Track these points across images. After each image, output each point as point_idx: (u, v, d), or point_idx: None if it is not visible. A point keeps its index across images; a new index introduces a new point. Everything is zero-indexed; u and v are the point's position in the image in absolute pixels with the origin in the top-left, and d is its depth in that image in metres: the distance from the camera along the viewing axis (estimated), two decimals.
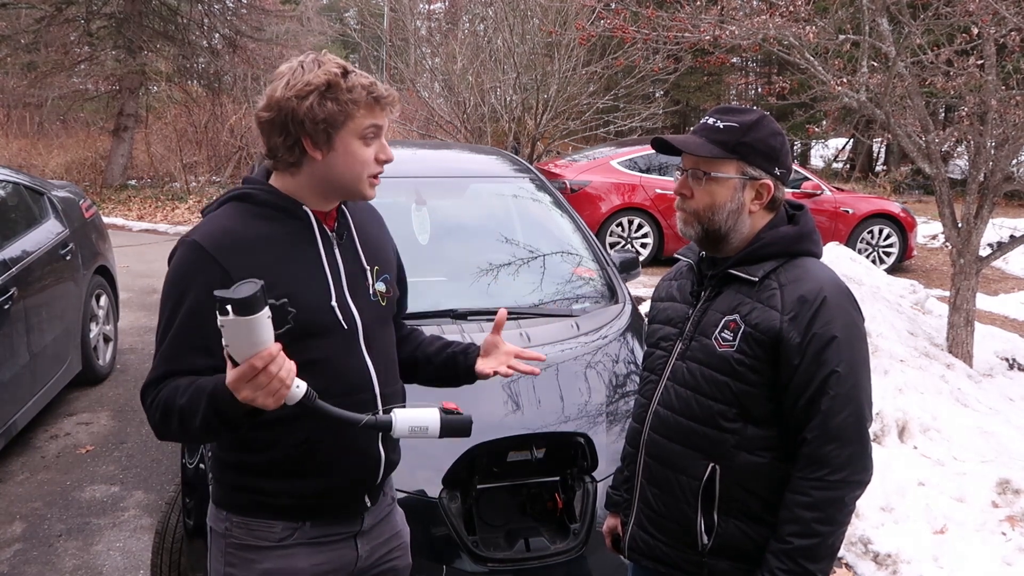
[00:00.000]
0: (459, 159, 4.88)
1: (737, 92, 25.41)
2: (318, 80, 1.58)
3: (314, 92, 1.58)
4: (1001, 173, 5.60)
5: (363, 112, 1.61)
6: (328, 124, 1.59)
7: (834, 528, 1.63)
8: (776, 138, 1.73)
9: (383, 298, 1.78)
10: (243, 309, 1.34)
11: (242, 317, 1.35)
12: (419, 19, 15.39)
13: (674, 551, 1.78)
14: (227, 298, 1.34)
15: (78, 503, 4.06)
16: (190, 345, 1.59)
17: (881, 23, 5.65)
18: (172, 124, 16.28)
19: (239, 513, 1.72)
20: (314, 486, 1.70)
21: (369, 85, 1.61)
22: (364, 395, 1.71)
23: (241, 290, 1.35)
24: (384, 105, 1.63)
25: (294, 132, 1.60)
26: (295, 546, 1.72)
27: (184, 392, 1.54)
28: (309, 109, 1.57)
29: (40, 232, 5.05)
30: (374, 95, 1.61)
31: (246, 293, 1.34)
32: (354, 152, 1.63)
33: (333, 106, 1.58)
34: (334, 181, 1.66)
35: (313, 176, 1.66)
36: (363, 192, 1.68)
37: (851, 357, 1.63)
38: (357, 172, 1.65)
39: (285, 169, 1.67)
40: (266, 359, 1.39)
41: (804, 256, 1.74)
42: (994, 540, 3.60)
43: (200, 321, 1.56)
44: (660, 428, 1.80)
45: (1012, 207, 15.13)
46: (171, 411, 1.55)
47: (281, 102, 1.59)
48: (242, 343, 1.38)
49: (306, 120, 1.58)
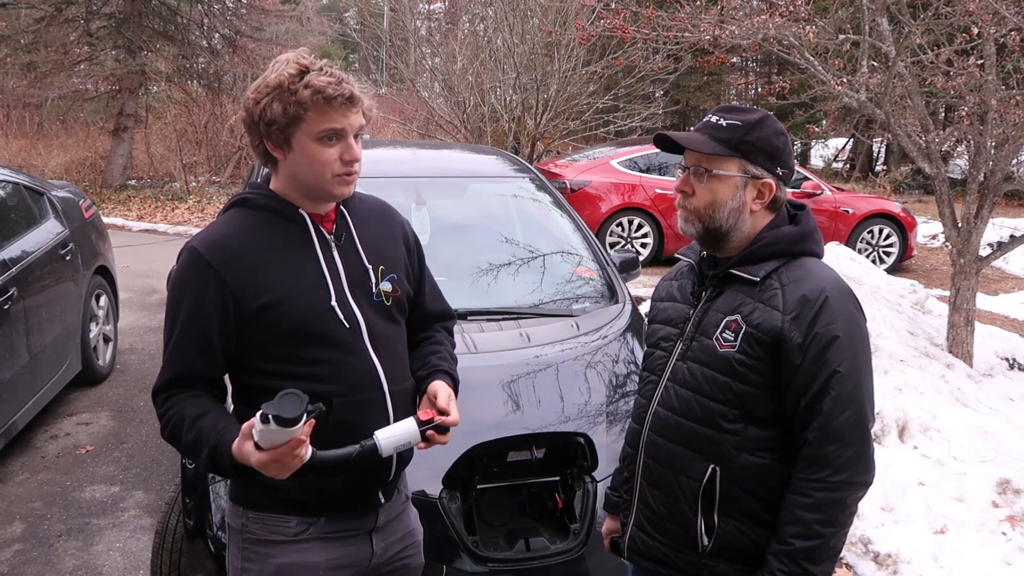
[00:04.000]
0: (459, 159, 4.88)
1: (737, 92, 25.40)
2: (273, 81, 1.59)
3: (268, 94, 1.59)
4: (1001, 173, 5.60)
5: (313, 114, 1.59)
6: (279, 126, 1.60)
7: (836, 530, 1.62)
8: (779, 138, 1.72)
9: (388, 297, 1.78)
10: (285, 424, 1.42)
11: (281, 428, 1.42)
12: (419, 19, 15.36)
13: (674, 552, 1.78)
14: (272, 414, 1.41)
15: (78, 503, 4.05)
16: (190, 347, 1.65)
17: (881, 23, 5.65)
18: (172, 124, 16.28)
19: (255, 508, 1.74)
20: (327, 482, 1.70)
21: (324, 86, 1.57)
22: (372, 393, 1.72)
23: (286, 408, 1.41)
24: (338, 107, 1.59)
25: (257, 133, 1.64)
26: (310, 541, 1.74)
27: (189, 429, 1.61)
28: (262, 111, 1.60)
29: (40, 232, 5.05)
30: (324, 96, 1.57)
31: (292, 413, 1.41)
32: (312, 153, 1.62)
33: (280, 108, 1.59)
34: (301, 180, 1.68)
35: (287, 175, 1.69)
36: (331, 192, 1.68)
37: (853, 357, 1.63)
38: (318, 172, 1.64)
39: (273, 170, 1.72)
40: (289, 451, 1.48)
41: (806, 256, 1.73)
42: (994, 540, 3.59)
43: (199, 325, 1.64)
44: (660, 429, 1.79)
45: (1012, 207, 15.13)
46: (177, 438, 1.64)
47: (246, 103, 1.64)
48: (274, 441, 1.46)
49: (261, 122, 1.61)
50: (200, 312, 1.63)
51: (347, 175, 1.66)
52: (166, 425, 1.66)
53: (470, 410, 2.74)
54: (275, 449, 1.47)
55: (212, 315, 1.63)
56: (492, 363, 2.91)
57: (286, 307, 1.64)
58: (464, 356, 2.85)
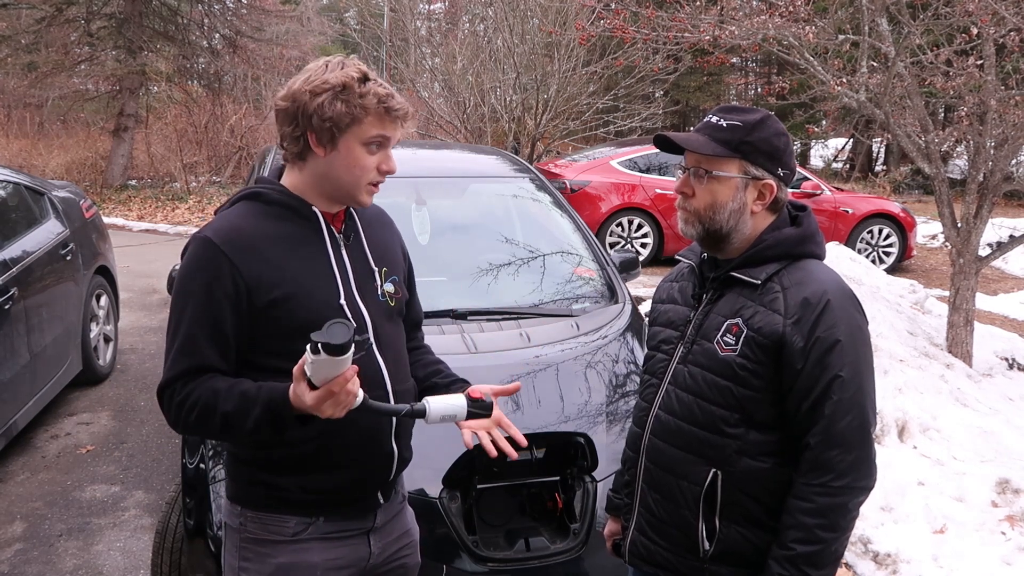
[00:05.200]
0: (459, 159, 4.88)
1: (737, 92, 25.42)
2: (335, 80, 1.61)
3: (328, 91, 1.61)
4: (1000, 173, 5.60)
5: (371, 120, 1.63)
6: (334, 124, 1.62)
7: (838, 535, 1.61)
8: (780, 138, 1.71)
9: (391, 299, 1.80)
10: (335, 351, 1.41)
11: (332, 357, 1.41)
12: (419, 19, 15.37)
13: (675, 556, 1.77)
14: (322, 342, 1.40)
15: (78, 503, 4.06)
16: (204, 338, 1.61)
17: (881, 23, 5.65)
18: (172, 124, 16.27)
19: (253, 508, 1.74)
20: (327, 481, 1.71)
21: (385, 96, 1.63)
22: (376, 392, 1.72)
23: (335, 334, 1.40)
24: (395, 118, 1.65)
25: (302, 125, 1.64)
26: (309, 541, 1.73)
27: (227, 399, 1.57)
28: (319, 106, 1.61)
29: (40, 232, 5.05)
30: (386, 106, 1.63)
31: (341, 339, 1.40)
32: (356, 157, 1.65)
33: (342, 107, 1.61)
34: (333, 181, 1.68)
35: (315, 173, 1.69)
36: (359, 198, 1.70)
37: (855, 361, 1.61)
38: (356, 176, 1.67)
39: (292, 162, 1.71)
40: (342, 384, 1.46)
41: (807, 258, 1.72)
42: (994, 540, 3.60)
43: (212, 314, 1.61)
44: (661, 433, 1.78)
45: (1012, 207, 15.15)
46: (211, 414, 1.58)
47: (297, 94, 1.63)
48: (326, 374, 1.45)
49: (314, 116, 1.62)
50: (214, 302, 1.60)
51: (377, 185, 1.70)
52: (191, 409, 1.59)
53: None
54: (328, 383, 1.45)
55: (225, 305, 1.61)
56: (492, 363, 2.91)
57: (296, 303, 1.64)
58: (464, 356, 2.88)
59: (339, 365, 1.44)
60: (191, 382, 1.61)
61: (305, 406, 1.48)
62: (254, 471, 1.73)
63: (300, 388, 1.47)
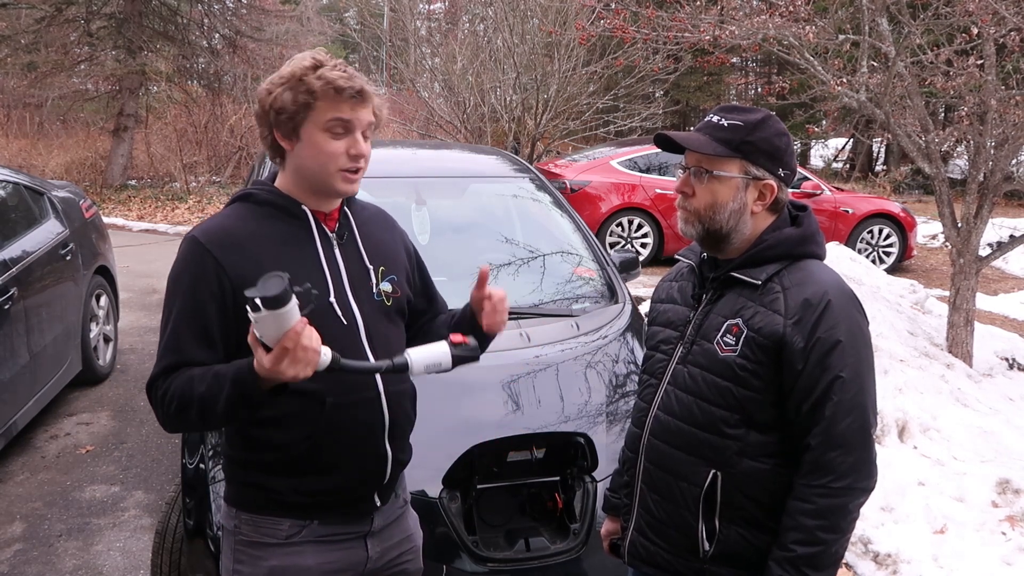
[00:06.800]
0: (459, 159, 4.87)
1: (737, 92, 25.40)
2: (287, 72, 1.63)
3: (281, 84, 1.63)
4: (1001, 173, 5.60)
5: (323, 104, 1.62)
6: (289, 115, 1.63)
7: (838, 536, 1.60)
8: (781, 138, 1.70)
9: (388, 298, 1.79)
10: (273, 304, 1.38)
11: (272, 311, 1.39)
12: (419, 19, 15.37)
13: (675, 558, 1.76)
14: (257, 296, 1.38)
15: (78, 503, 4.05)
16: (190, 335, 1.61)
17: (881, 23, 5.65)
18: (172, 124, 16.28)
19: (247, 510, 1.74)
20: (321, 483, 1.70)
21: (335, 79, 1.61)
22: (368, 394, 1.72)
23: (269, 287, 1.38)
24: (348, 98, 1.62)
25: (268, 123, 1.66)
26: (303, 544, 1.72)
27: (201, 380, 1.56)
28: (274, 100, 1.63)
29: (40, 232, 5.05)
30: (334, 86, 1.61)
31: (275, 290, 1.38)
32: (318, 143, 1.64)
33: (291, 96, 1.62)
34: (306, 173, 1.69)
35: (293, 169, 1.70)
36: (335, 186, 1.68)
37: (856, 362, 1.61)
38: (322, 163, 1.65)
39: (279, 164, 1.73)
40: (295, 338, 1.42)
41: (808, 258, 1.71)
42: (994, 540, 3.60)
43: (198, 312, 1.61)
44: (660, 433, 1.77)
45: (1012, 207, 15.15)
46: (189, 401, 1.56)
47: (259, 95, 1.66)
48: (273, 332, 1.42)
49: (271, 111, 1.64)
50: (200, 300, 1.61)
51: (352, 172, 1.67)
52: (172, 399, 1.58)
53: (470, 410, 2.76)
54: (281, 341, 1.41)
55: (210, 303, 1.61)
56: (492, 363, 2.89)
57: None
58: None
59: (284, 319, 1.40)
60: (173, 375, 1.60)
61: (265, 371, 1.44)
62: (249, 473, 1.72)
63: (258, 354, 1.45)
